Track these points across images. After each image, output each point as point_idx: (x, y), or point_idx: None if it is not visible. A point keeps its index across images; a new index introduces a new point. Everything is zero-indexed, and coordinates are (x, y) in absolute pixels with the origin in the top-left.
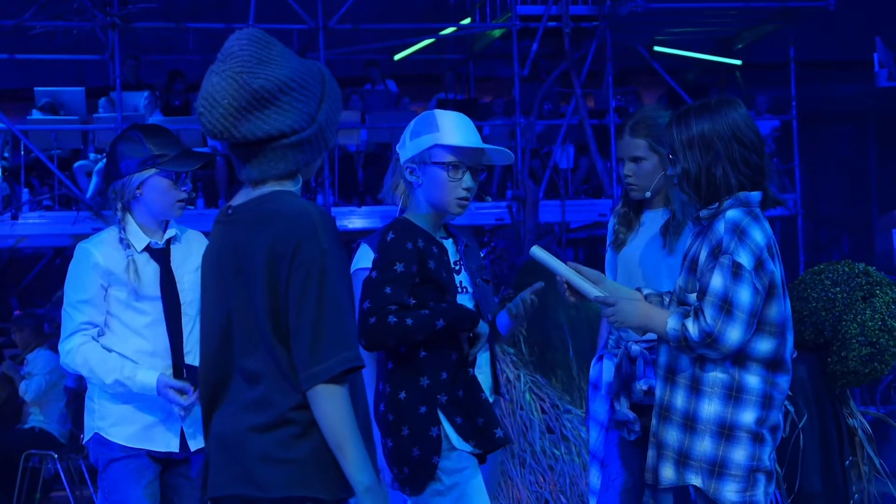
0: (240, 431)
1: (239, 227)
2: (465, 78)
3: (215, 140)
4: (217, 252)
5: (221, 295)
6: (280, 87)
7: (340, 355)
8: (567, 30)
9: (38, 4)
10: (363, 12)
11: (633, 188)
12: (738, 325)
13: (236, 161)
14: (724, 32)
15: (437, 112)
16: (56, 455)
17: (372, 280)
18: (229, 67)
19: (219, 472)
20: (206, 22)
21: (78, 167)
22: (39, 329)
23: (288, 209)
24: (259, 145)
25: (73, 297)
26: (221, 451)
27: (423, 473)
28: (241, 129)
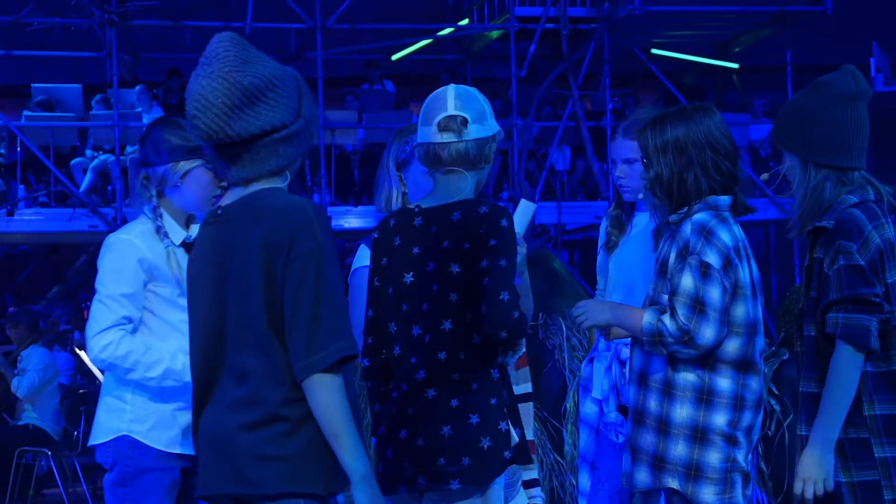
0: (230, 430)
1: (231, 226)
2: (463, 79)
3: (209, 141)
4: (207, 252)
5: (213, 294)
6: (266, 83)
7: (336, 344)
8: (565, 32)
9: (35, 1)
10: (361, 12)
11: (626, 189)
12: (712, 323)
13: (224, 163)
14: (722, 36)
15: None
16: (49, 452)
17: (503, 268)
18: (217, 68)
19: (210, 471)
20: (203, 20)
21: (74, 164)
22: (34, 326)
23: (281, 203)
24: (251, 142)
25: (115, 290)
26: (212, 450)
27: (489, 467)
28: (235, 127)
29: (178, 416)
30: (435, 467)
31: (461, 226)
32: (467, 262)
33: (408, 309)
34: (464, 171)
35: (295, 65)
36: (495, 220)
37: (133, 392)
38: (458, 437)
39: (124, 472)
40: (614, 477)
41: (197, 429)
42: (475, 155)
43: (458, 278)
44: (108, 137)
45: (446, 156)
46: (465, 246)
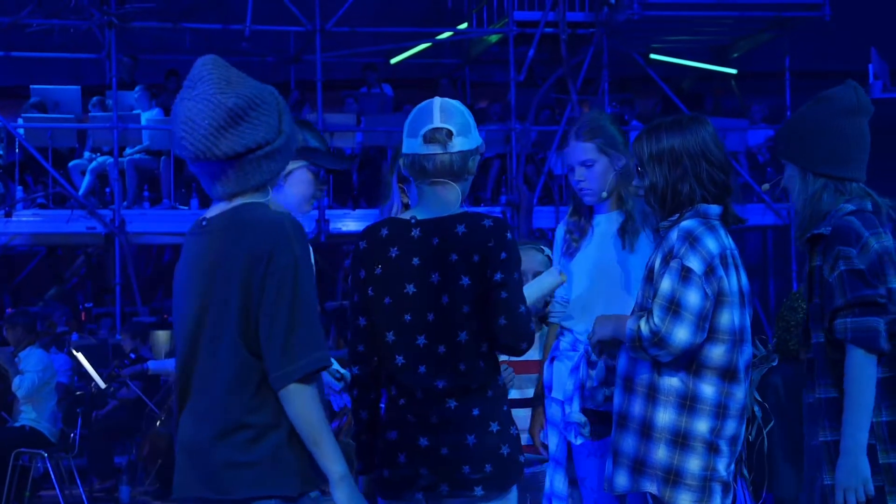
0: (200, 437)
1: (214, 236)
2: (461, 83)
3: (196, 161)
4: (191, 261)
5: (194, 303)
6: (249, 103)
7: (312, 355)
8: (563, 36)
9: (34, 2)
10: (360, 15)
11: (587, 192)
12: (685, 325)
13: (209, 179)
14: (720, 41)
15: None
16: (46, 454)
17: (518, 282)
18: (202, 91)
19: (183, 475)
20: (202, 22)
21: (73, 166)
22: (32, 327)
23: (262, 218)
24: (236, 159)
25: None
26: (184, 454)
27: (510, 473)
28: (221, 146)
29: None
30: (459, 475)
31: (468, 239)
32: (478, 274)
33: (411, 319)
34: (451, 182)
35: (294, 67)
36: (502, 233)
37: None
38: (481, 445)
39: None
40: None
41: (177, 433)
42: (459, 167)
43: (469, 291)
44: (106, 139)
45: (431, 167)
46: (475, 259)
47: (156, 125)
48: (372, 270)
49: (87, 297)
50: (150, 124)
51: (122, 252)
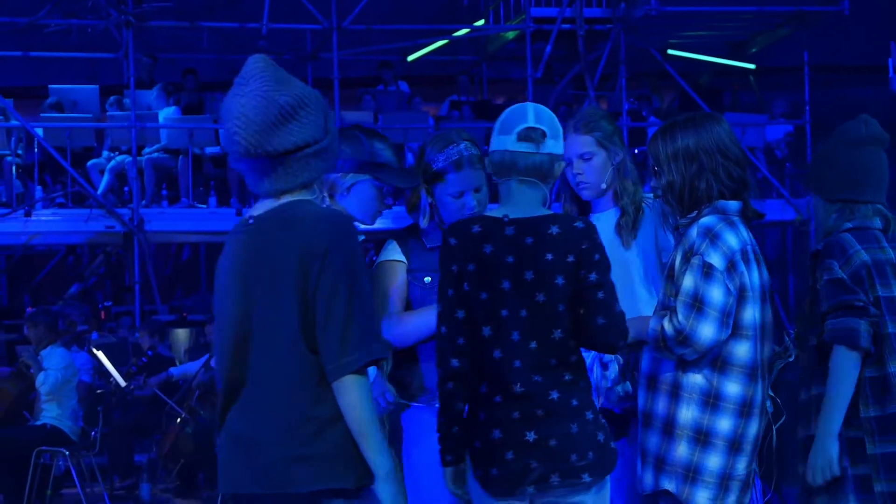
0: (261, 434)
1: (264, 234)
2: (479, 80)
3: (247, 156)
4: (237, 258)
5: (241, 299)
6: (299, 102)
7: (367, 348)
8: (581, 32)
9: (52, 2)
10: (377, 13)
11: (586, 186)
12: (709, 321)
13: (257, 175)
14: (738, 36)
15: None
16: (67, 452)
17: (612, 283)
18: (255, 88)
19: (235, 471)
20: (219, 21)
21: (91, 165)
22: (53, 326)
23: (315, 214)
24: (285, 156)
25: None
26: (238, 449)
27: (607, 459)
28: (273, 142)
29: None
30: (567, 464)
31: (563, 240)
32: (572, 274)
33: (507, 314)
34: (539, 181)
35: (311, 65)
36: (594, 235)
37: None
38: (582, 433)
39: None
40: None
41: (222, 428)
42: (548, 168)
43: (564, 289)
44: (124, 138)
45: (522, 165)
46: (570, 259)
47: (173, 124)
48: (465, 266)
49: (106, 295)
50: (168, 123)
51: (141, 251)
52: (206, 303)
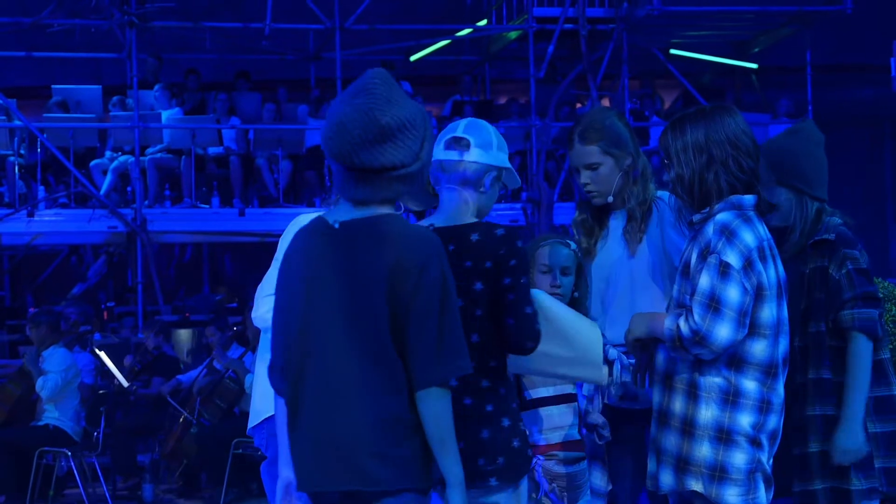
0: (352, 430)
1: (354, 242)
2: (481, 80)
3: (334, 161)
4: (323, 260)
5: (325, 301)
6: (400, 125)
7: (456, 363)
8: (583, 32)
9: (55, 2)
10: (379, 13)
11: (595, 195)
12: (726, 322)
13: (342, 180)
14: (741, 36)
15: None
16: (70, 452)
17: (526, 286)
18: (363, 102)
19: (320, 468)
20: (223, 21)
21: (94, 165)
22: (56, 326)
23: (410, 232)
24: (371, 173)
25: None
26: (326, 447)
27: (518, 465)
28: (361, 157)
29: None
30: (475, 467)
31: (482, 246)
32: (490, 280)
33: None
34: (464, 190)
35: (314, 65)
36: (513, 241)
37: None
38: (494, 438)
39: (277, 451)
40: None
41: (297, 426)
42: (473, 177)
43: (482, 295)
44: (127, 139)
45: (448, 173)
46: (488, 265)
47: (176, 124)
48: None
49: (108, 296)
50: (171, 123)
51: (144, 251)
52: (209, 303)
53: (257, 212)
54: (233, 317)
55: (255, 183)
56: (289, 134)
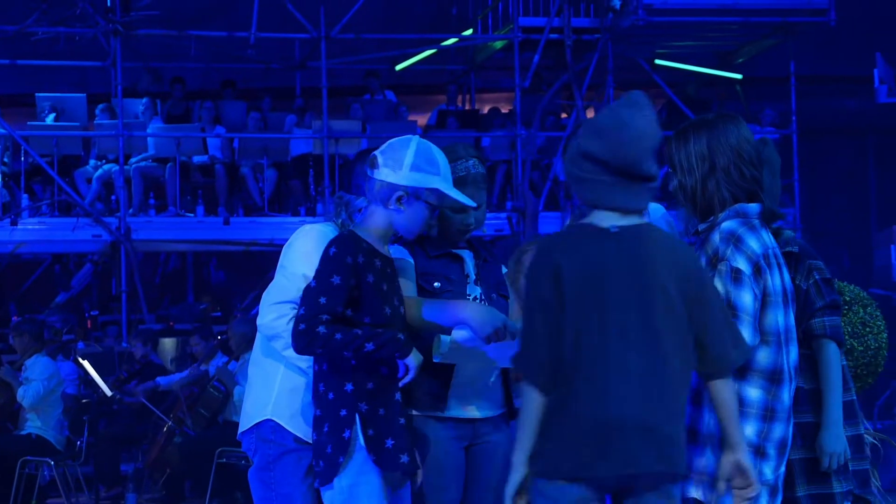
0: (660, 419)
1: (638, 244)
2: (467, 89)
3: (622, 170)
4: (604, 261)
5: (623, 296)
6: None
7: (743, 348)
8: (569, 42)
9: (40, 10)
10: (365, 22)
11: None
12: (745, 327)
13: (614, 188)
14: (725, 46)
15: (435, 150)
16: (52, 462)
17: (310, 289)
18: (651, 114)
19: (637, 452)
20: (208, 30)
21: (78, 173)
22: (38, 335)
23: (677, 240)
24: (648, 181)
25: (299, 271)
26: (643, 433)
27: (330, 470)
28: (648, 166)
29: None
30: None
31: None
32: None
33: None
34: (373, 205)
35: (299, 74)
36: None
37: (281, 382)
38: (318, 441)
39: (266, 456)
40: None
41: (607, 412)
42: (378, 194)
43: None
44: (112, 147)
45: (360, 185)
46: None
47: (161, 132)
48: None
49: (92, 304)
50: (156, 132)
51: (128, 260)
52: (193, 312)
53: (242, 220)
54: (217, 326)
55: (239, 192)
56: (274, 143)
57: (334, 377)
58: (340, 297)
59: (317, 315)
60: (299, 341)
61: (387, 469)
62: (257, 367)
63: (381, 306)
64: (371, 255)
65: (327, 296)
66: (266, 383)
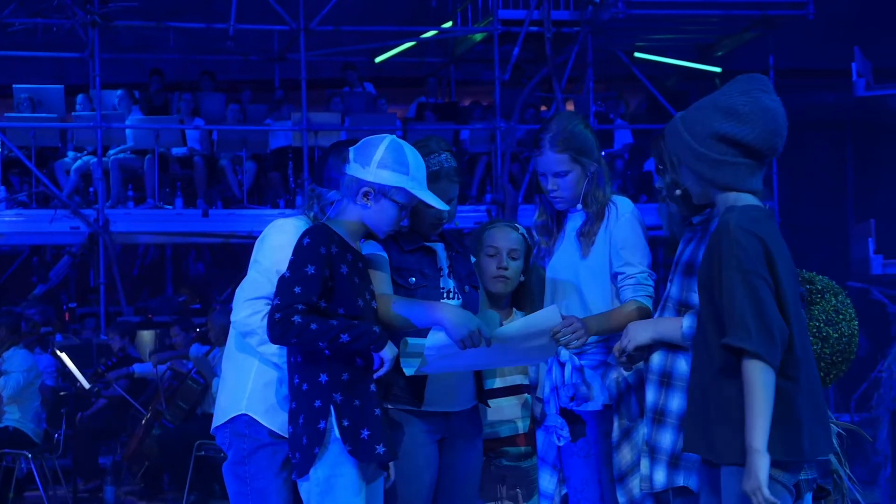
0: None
1: (774, 222)
2: (447, 82)
3: (774, 155)
4: (782, 241)
5: (792, 271)
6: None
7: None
8: (548, 35)
9: (17, 1)
10: (345, 14)
11: (559, 200)
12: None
13: (761, 174)
14: (705, 40)
15: (408, 150)
16: (30, 454)
17: (284, 279)
18: (778, 98)
19: (824, 436)
20: (186, 21)
21: (57, 165)
22: (16, 327)
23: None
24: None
25: (273, 267)
26: (824, 417)
27: (306, 461)
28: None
29: None
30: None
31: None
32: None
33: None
34: (346, 199)
35: (278, 66)
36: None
37: (255, 376)
38: (293, 435)
39: (241, 450)
40: (590, 485)
41: (821, 388)
42: (347, 187)
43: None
44: (90, 139)
45: (332, 178)
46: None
47: (139, 124)
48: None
49: (70, 297)
50: (134, 123)
51: (107, 252)
52: (172, 304)
53: (221, 213)
54: (196, 318)
55: (218, 184)
56: (253, 135)
57: (309, 368)
58: (315, 287)
59: (292, 305)
60: (274, 331)
61: (362, 459)
62: (231, 362)
63: (355, 298)
64: (343, 248)
65: (302, 286)
66: (240, 378)
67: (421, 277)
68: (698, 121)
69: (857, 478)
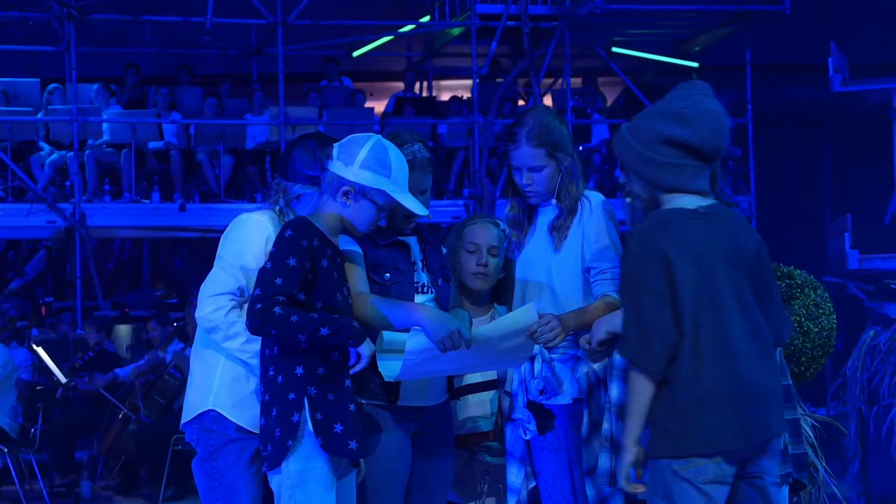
0: (774, 387)
1: (724, 223)
2: (424, 76)
3: (719, 156)
4: (718, 239)
5: (730, 271)
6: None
7: (789, 326)
8: (526, 29)
9: None
10: (322, 8)
11: (533, 194)
12: None
13: (702, 174)
14: (682, 35)
15: (392, 152)
16: (6, 449)
17: (266, 270)
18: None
19: (767, 417)
20: (163, 15)
21: (34, 159)
22: None
23: (740, 216)
24: (717, 162)
25: (237, 262)
26: (762, 401)
27: (278, 453)
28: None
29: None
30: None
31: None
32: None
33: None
34: (325, 195)
35: (256, 60)
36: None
37: (222, 372)
38: (265, 427)
39: (209, 446)
40: (561, 479)
41: (741, 383)
42: (327, 186)
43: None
44: (66, 132)
45: (298, 171)
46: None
47: (116, 118)
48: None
49: (46, 291)
50: (111, 117)
51: (83, 246)
52: (148, 299)
53: (198, 207)
54: (173, 312)
55: (196, 178)
56: (230, 129)
57: (284, 361)
58: (296, 280)
59: (273, 296)
60: (253, 321)
61: (334, 454)
62: (198, 359)
63: (334, 292)
64: (324, 242)
65: (283, 277)
66: (207, 374)
67: (396, 273)
68: (644, 128)
69: (834, 471)
